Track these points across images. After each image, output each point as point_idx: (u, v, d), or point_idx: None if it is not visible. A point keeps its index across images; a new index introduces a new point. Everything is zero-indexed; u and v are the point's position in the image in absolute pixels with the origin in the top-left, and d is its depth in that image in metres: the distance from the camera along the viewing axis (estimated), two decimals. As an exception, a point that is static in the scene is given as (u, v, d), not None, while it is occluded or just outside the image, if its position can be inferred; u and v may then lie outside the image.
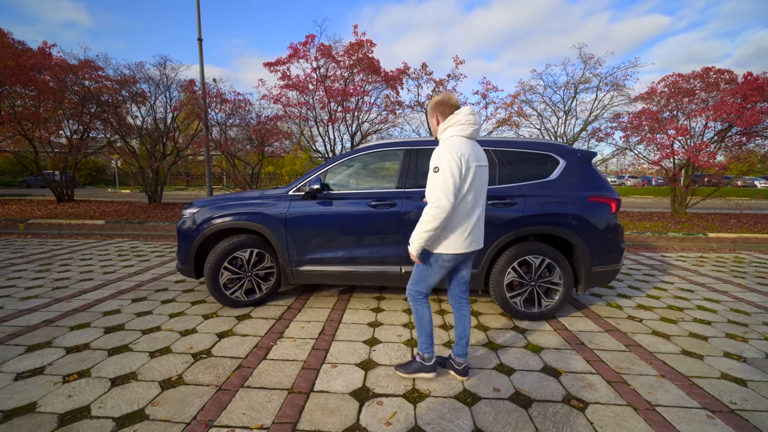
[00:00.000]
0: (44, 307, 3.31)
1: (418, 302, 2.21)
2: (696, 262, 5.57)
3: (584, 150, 3.42)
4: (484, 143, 3.34)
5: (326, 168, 3.36)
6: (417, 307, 2.22)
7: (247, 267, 3.34)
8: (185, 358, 2.43)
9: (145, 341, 2.67)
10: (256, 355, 2.51)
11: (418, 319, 2.22)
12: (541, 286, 3.17)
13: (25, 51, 9.98)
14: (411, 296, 2.23)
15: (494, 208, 3.14)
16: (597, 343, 2.76)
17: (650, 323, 3.16)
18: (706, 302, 3.71)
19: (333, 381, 2.21)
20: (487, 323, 3.12)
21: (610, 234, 3.21)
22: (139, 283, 4.12)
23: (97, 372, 2.24)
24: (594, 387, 2.17)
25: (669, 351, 2.65)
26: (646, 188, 28.26)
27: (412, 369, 2.25)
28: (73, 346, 2.57)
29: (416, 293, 2.20)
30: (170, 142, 10.72)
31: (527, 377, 2.28)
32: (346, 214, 3.23)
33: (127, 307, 3.34)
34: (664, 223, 8.46)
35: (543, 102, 11.33)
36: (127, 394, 2.03)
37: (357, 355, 2.53)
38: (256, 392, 2.08)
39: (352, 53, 9.26)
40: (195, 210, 3.44)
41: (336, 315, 3.26)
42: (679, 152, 8.86)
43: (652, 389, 2.16)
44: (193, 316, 3.18)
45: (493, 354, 2.58)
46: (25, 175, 25.34)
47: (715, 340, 2.84)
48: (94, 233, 7.58)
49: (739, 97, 8.09)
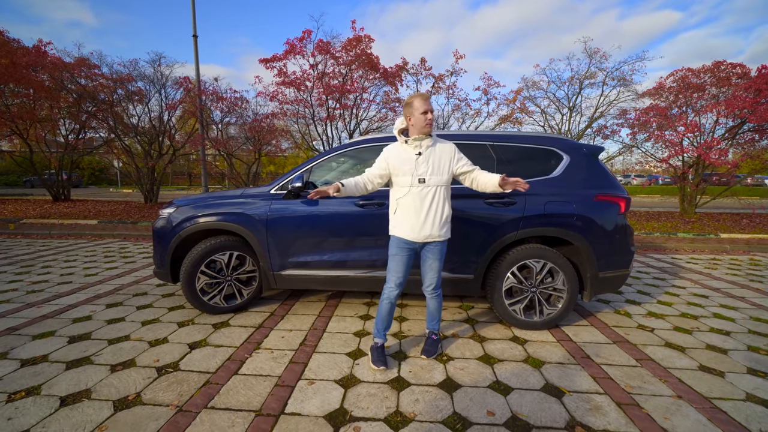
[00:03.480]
0: (12, 312, 3.11)
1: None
2: (709, 265, 5.27)
3: (590, 145, 3.15)
4: (482, 137, 3.09)
5: (311, 165, 3.13)
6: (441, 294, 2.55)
7: (226, 271, 3.12)
8: (148, 373, 2.21)
9: (110, 352, 2.45)
10: (228, 369, 2.28)
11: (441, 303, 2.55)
12: (542, 292, 2.91)
13: (20, 49, 9.84)
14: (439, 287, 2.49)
15: (491, 207, 2.89)
16: (604, 356, 2.51)
17: (663, 333, 2.89)
18: (722, 309, 3.43)
19: (308, 401, 1.98)
20: (484, 333, 2.88)
21: (619, 236, 2.95)
22: (119, 286, 3.91)
23: (48, 389, 2.03)
24: (602, 410, 1.92)
25: (685, 366, 2.39)
26: (652, 187, 27.77)
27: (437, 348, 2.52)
28: (30, 358, 2.36)
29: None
30: (167, 141, 10.55)
31: (526, 398, 2.03)
32: (331, 215, 2.99)
33: (100, 313, 3.13)
34: (673, 224, 8.14)
35: (547, 98, 11.04)
36: (75, 416, 1.81)
37: (338, 370, 2.29)
38: (220, 414, 1.85)
39: (350, 49, 9.02)
40: (173, 209, 3.22)
41: (321, 323, 3.03)
42: (689, 149, 8.54)
43: (668, 413, 1.91)
44: (167, 323, 2.96)
45: (488, 369, 2.33)
46: (29, 174, 25.37)
47: (736, 353, 2.57)
48: (86, 233, 7.41)
49: (752, 91, 7.75)
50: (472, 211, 2.91)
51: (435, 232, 2.28)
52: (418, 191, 2.25)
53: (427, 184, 2.25)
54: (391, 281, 2.35)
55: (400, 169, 2.29)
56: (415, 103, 2.23)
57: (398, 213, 2.32)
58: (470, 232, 2.91)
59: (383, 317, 2.40)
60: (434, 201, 2.26)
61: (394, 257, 2.34)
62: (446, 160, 2.30)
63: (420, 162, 2.26)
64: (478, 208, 2.91)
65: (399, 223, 2.32)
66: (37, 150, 11.39)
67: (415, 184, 2.25)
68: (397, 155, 2.32)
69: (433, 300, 2.49)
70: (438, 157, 2.28)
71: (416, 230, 2.26)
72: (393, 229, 2.36)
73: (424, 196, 2.25)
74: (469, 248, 2.92)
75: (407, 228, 2.28)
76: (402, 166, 2.28)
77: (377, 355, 2.36)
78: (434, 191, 2.26)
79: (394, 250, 2.35)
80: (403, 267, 2.34)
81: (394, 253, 2.34)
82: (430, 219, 2.25)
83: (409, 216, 2.27)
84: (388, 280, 2.37)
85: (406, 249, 2.32)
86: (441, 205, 2.28)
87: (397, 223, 2.33)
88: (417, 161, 2.26)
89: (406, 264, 2.34)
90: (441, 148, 2.31)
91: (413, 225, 2.26)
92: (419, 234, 2.27)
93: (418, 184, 2.25)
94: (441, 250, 2.37)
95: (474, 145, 3.06)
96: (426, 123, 2.22)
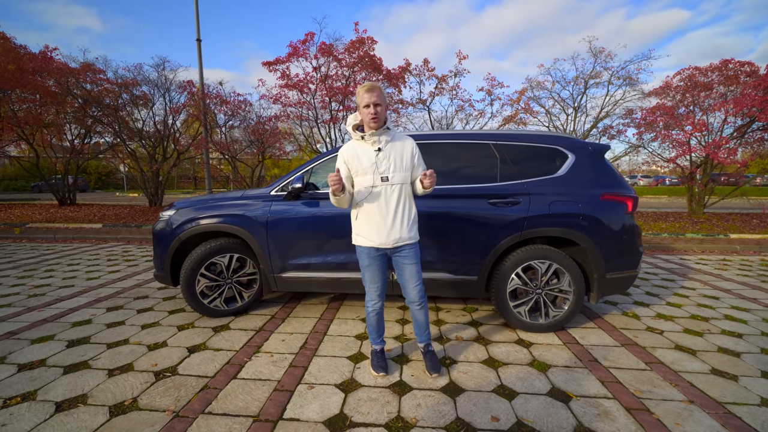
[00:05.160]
0: (13, 317, 3.10)
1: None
2: (719, 266, 5.16)
3: (596, 143, 3.09)
4: (484, 136, 3.04)
5: (311, 165, 3.09)
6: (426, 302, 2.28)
7: (226, 273, 3.09)
8: (146, 378, 2.18)
9: (108, 357, 2.42)
10: (226, 373, 2.24)
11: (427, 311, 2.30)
12: (548, 294, 2.85)
13: (26, 55, 9.95)
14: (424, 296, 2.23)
15: (495, 207, 2.84)
16: (612, 359, 2.44)
17: (672, 336, 2.81)
18: (734, 311, 3.34)
19: (307, 406, 1.93)
20: (488, 335, 2.81)
21: (626, 236, 2.87)
22: (121, 290, 3.90)
23: (44, 394, 2.00)
24: (610, 416, 1.86)
25: (696, 370, 2.31)
26: (659, 188, 27.48)
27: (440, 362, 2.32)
28: (28, 362, 2.33)
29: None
30: (171, 144, 10.59)
31: (532, 402, 1.97)
32: (332, 216, 2.95)
33: (100, 317, 3.11)
34: (681, 224, 8.01)
35: (551, 98, 10.95)
36: (70, 422, 1.78)
37: (338, 374, 2.24)
38: (217, 420, 1.81)
39: (353, 51, 9.01)
40: (173, 212, 3.19)
41: (322, 326, 2.98)
42: (697, 149, 8.41)
43: (680, 419, 1.83)
44: (167, 327, 2.93)
45: (493, 373, 2.27)
46: (37, 180, 25.65)
47: (749, 356, 2.49)
48: (90, 237, 7.44)
49: (761, 89, 7.62)
50: (475, 212, 2.85)
51: (405, 235, 2.08)
52: (382, 191, 2.05)
53: (390, 182, 2.05)
54: (371, 293, 2.22)
55: (359, 168, 2.08)
56: (357, 96, 2.05)
57: (360, 218, 2.13)
58: (473, 233, 2.85)
59: (374, 327, 2.30)
60: (400, 200, 2.07)
61: (368, 268, 2.17)
62: (408, 155, 2.10)
63: (381, 158, 2.06)
64: (480, 208, 2.85)
65: (363, 229, 2.12)
66: (43, 155, 11.49)
67: (377, 183, 2.05)
68: (355, 154, 2.10)
69: (420, 311, 2.23)
70: (399, 153, 2.08)
71: (383, 235, 2.07)
72: (356, 237, 2.17)
73: (389, 195, 2.06)
74: (472, 249, 2.87)
75: (374, 233, 2.08)
76: (361, 165, 2.07)
77: (377, 360, 2.29)
78: (399, 190, 2.07)
79: (365, 261, 2.16)
80: (380, 274, 2.18)
81: (366, 264, 2.17)
82: (399, 220, 2.07)
83: (374, 220, 2.08)
84: (368, 292, 2.23)
85: (377, 257, 2.15)
86: (407, 204, 2.11)
87: (361, 230, 2.13)
88: (377, 157, 2.06)
89: (381, 271, 2.18)
90: (402, 144, 2.11)
91: (380, 229, 2.07)
92: (387, 238, 2.07)
93: (381, 182, 2.05)
94: (415, 252, 2.16)
95: (477, 145, 3.01)
96: (370, 117, 2.01)
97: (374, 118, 2.00)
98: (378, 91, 2.00)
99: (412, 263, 2.14)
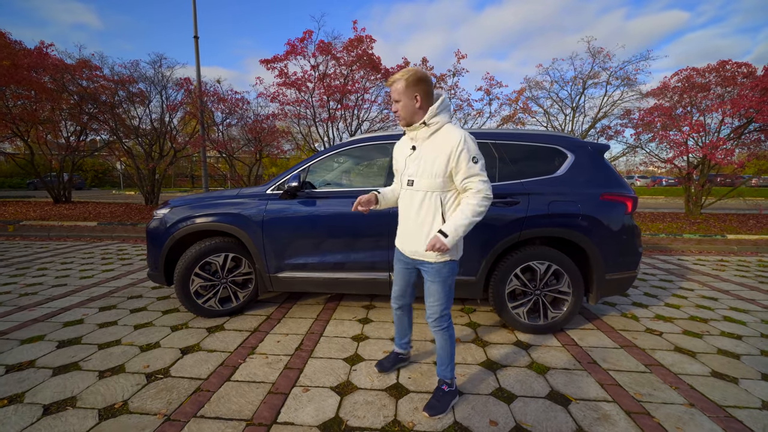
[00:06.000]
0: (3, 316, 3.04)
1: (450, 326, 1.94)
2: (716, 266, 5.15)
3: (595, 143, 3.06)
4: (483, 135, 3.00)
5: (308, 164, 3.05)
6: (450, 332, 1.93)
7: (221, 273, 3.04)
8: (137, 379, 2.13)
9: (99, 358, 2.37)
10: (220, 375, 2.20)
11: (451, 344, 1.92)
12: (547, 295, 2.82)
13: (22, 50, 9.84)
14: (443, 320, 1.89)
15: (494, 207, 2.79)
16: (612, 361, 2.41)
17: (672, 337, 2.79)
18: (732, 312, 3.32)
19: (301, 409, 1.89)
20: (486, 337, 2.78)
21: (626, 236, 2.85)
22: (114, 289, 3.84)
23: (32, 396, 1.95)
24: (610, 419, 1.83)
25: (696, 372, 2.29)
26: (657, 188, 27.58)
27: (448, 404, 1.89)
28: (16, 363, 2.28)
29: (448, 316, 1.91)
30: (168, 142, 10.51)
31: (531, 406, 1.94)
32: (328, 215, 2.91)
33: (92, 317, 3.06)
34: (679, 224, 8.01)
35: (549, 98, 10.94)
36: (58, 425, 1.73)
37: (334, 377, 2.21)
38: (209, 424, 1.76)
39: (351, 49, 8.96)
40: (167, 210, 3.14)
41: (318, 326, 2.94)
42: (694, 149, 8.41)
43: (681, 423, 1.81)
44: (160, 327, 2.88)
45: (491, 375, 2.23)
46: (32, 177, 25.46)
47: (749, 358, 2.47)
48: (85, 235, 7.36)
49: (758, 90, 7.63)
50: (474, 211, 2.81)
51: (421, 250, 1.80)
52: (407, 195, 1.85)
53: (415, 188, 1.79)
54: (392, 292, 2.15)
55: (396, 165, 2.00)
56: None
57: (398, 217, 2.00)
58: (471, 233, 2.79)
59: (395, 325, 2.25)
60: (422, 210, 1.78)
61: (395, 266, 2.06)
62: (443, 159, 1.70)
63: (411, 158, 1.83)
64: (479, 208, 2.81)
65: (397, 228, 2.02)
66: (39, 152, 11.38)
67: (405, 186, 1.86)
68: (398, 148, 1.98)
69: (438, 335, 1.92)
70: (433, 155, 1.73)
71: (403, 241, 1.92)
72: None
73: (413, 202, 1.81)
74: (470, 249, 2.81)
75: (399, 235, 1.97)
76: (397, 162, 1.97)
77: (384, 360, 2.28)
78: (422, 197, 1.77)
79: (394, 257, 2.07)
80: (399, 278, 2.04)
81: (394, 261, 2.07)
82: (416, 231, 1.81)
83: (401, 222, 1.94)
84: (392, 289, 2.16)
85: (401, 261, 2.00)
86: (430, 216, 1.77)
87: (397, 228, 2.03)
88: (409, 157, 1.86)
89: (403, 277, 2.03)
90: (442, 144, 1.71)
91: (402, 234, 1.93)
92: (404, 246, 1.91)
93: (407, 186, 1.84)
94: (438, 271, 1.82)
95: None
96: (396, 115, 1.83)
97: (397, 116, 1.82)
98: (396, 85, 1.75)
99: (433, 281, 1.86)
